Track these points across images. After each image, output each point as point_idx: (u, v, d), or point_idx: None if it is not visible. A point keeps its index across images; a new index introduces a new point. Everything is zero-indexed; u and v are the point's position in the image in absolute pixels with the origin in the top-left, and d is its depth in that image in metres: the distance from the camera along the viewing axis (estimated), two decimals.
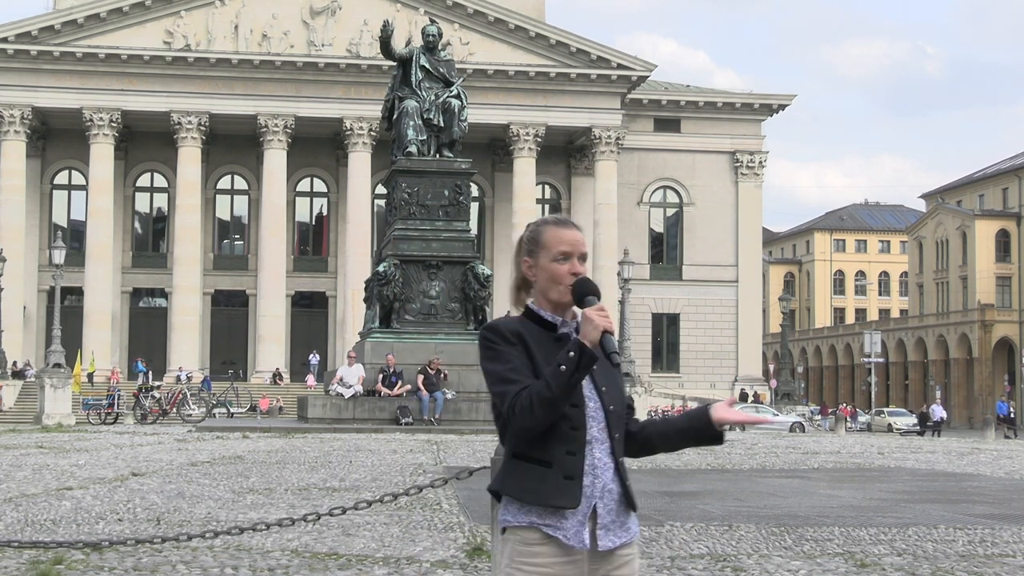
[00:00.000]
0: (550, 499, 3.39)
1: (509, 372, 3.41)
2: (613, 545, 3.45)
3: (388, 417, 26.29)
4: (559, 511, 3.39)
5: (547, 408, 3.34)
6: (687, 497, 12.69)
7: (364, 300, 29.27)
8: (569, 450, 3.42)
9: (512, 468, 3.47)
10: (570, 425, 3.42)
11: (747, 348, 64.97)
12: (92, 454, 18.71)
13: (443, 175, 27.94)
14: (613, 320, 3.47)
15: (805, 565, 7.92)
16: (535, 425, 3.37)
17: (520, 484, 3.43)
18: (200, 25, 57.21)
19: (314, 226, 64.07)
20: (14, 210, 56.41)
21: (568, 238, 3.54)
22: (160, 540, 7.52)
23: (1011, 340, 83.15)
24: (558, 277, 3.51)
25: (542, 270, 3.54)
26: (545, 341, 3.48)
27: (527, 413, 3.35)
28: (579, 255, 3.54)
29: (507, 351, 3.45)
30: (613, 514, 3.46)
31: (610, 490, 3.46)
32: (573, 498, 3.39)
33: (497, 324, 3.52)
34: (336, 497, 11.86)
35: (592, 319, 3.38)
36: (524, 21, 58.81)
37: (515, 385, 3.38)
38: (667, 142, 64.60)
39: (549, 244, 3.54)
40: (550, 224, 3.58)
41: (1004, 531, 9.98)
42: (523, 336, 3.48)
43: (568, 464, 3.41)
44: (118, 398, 39.70)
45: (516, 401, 3.36)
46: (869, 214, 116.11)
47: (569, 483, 3.40)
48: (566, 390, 3.34)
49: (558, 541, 3.39)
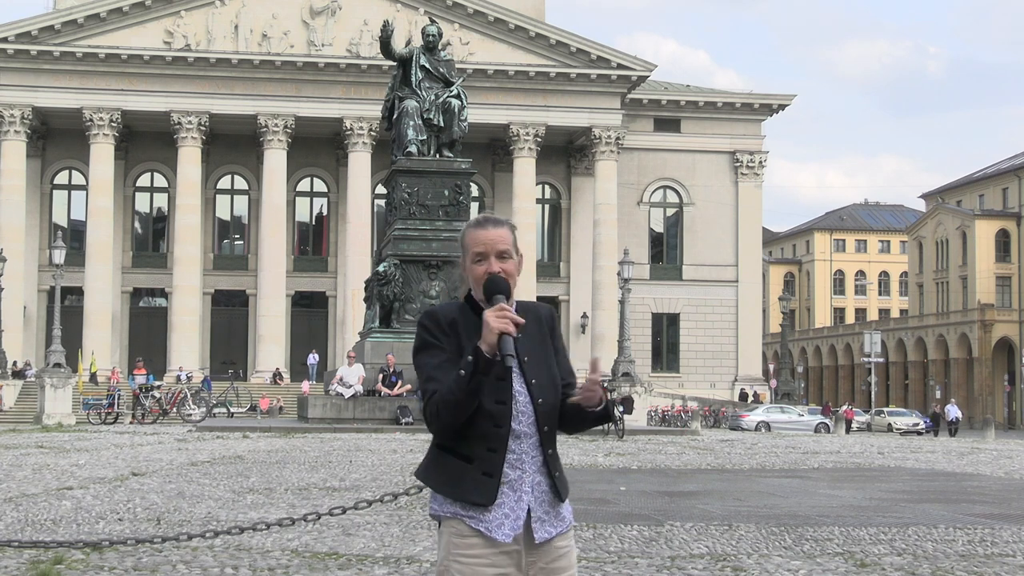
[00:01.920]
0: (467, 495, 3.47)
1: (433, 370, 3.54)
2: (549, 536, 3.53)
3: (388, 417, 26.29)
4: (476, 506, 3.47)
5: (452, 411, 3.45)
6: (687, 497, 12.69)
7: (364, 300, 29.28)
8: (490, 447, 3.49)
9: (435, 459, 3.58)
10: (493, 423, 3.49)
11: (747, 348, 64.96)
12: (92, 454, 18.71)
13: (443, 175, 27.95)
14: (508, 321, 3.47)
15: (805, 565, 7.92)
16: (444, 427, 3.49)
17: (441, 477, 3.53)
18: (200, 25, 57.20)
19: (314, 226, 64.06)
20: (14, 210, 56.40)
21: (483, 239, 3.64)
22: (160, 540, 7.52)
23: (1011, 340, 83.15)
24: (477, 277, 3.63)
25: (467, 272, 3.68)
26: (478, 329, 3.52)
27: (435, 418, 3.48)
28: (496, 253, 3.62)
29: (437, 344, 3.57)
30: (546, 505, 3.54)
31: (538, 483, 3.54)
32: (489, 495, 3.47)
33: (436, 311, 3.65)
34: (336, 497, 11.87)
35: (488, 322, 3.44)
36: (524, 21, 58.79)
37: (434, 384, 3.50)
38: (667, 142, 64.59)
39: (468, 246, 3.67)
40: (471, 227, 3.71)
41: (1004, 531, 9.98)
42: (457, 325, 3.58)
43: (488, 461, 3.49)
44: (118, 398, 39.71)
45: (428, 404, 3.49)
46: (869, 214, 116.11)
47: (487, 480, 3.47)
48: (468, 394, 3.42)
49: (481, 532, 3.47)
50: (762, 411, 50.91)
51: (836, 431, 42.18)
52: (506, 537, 3.46)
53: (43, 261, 58.25)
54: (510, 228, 3.69)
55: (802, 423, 48.60)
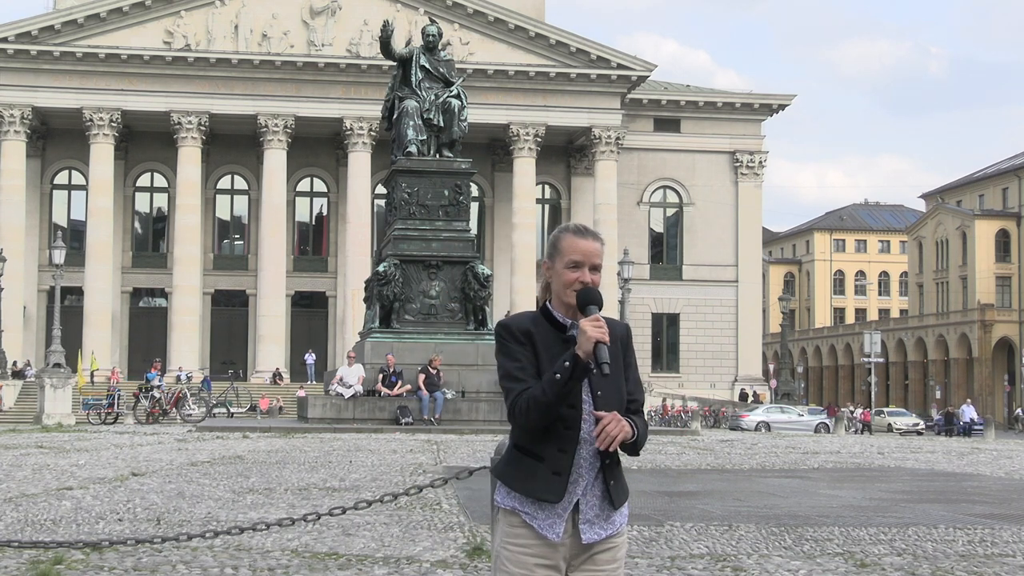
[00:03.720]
0: (537, 492, 3.66)
1: (516, 370, 3.70)
2: (598, 538, 3.73)
3: (388, 417, 26.28)
4: (540, 502, 3.66)
5: (542, 411, 3.61)
6: (687, 497, 12.69)
7: (364, 300, 29.26)
8: (561, 448, 3.68)
9: (511, 457, 3.76)
10: (564, 425, 3.67)
11: (747, 348, 64.97)
12: (92, 454, 18.71)
13: (443, 175, 27.93)
14: (604, 331, 3.66)
15: (805, 565, 7.92)
16: (531, 425, 3.65)
17: (513, 473, 3.73)
18: (200, 25, 57.21)
19: (314, 226, 64.07)
20: (14, 210, 56.41)
21: (582, 248, 3.78)
22: (160, 540, 7.52)
23: (1011, 340, 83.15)
24: (568, 283, 3.76)
25: (557, 274, 3.80)
26: (555, 342, 3.74)
27: (524, 414, 3.64)
28: (591, 265, 3.78)
29: (516, 349, 3.72)
30: (596, 509, 3.72)
31: (592, 488, 3.71)
32: (557, 493, 3.66)
33: (510, 322, 3.78)
34: (336, 497, 11.87)
35: (586, 331, 3.61)
36: (524, 21, 58.80)
37: (518, 384, 3.67)
38: (667, 142, 64.60)
39: (565, 251, 3.79)
40: (570, 232, 3.83)
41: (1004, 531, 9.98)
42: (532, 335, 3.74)
43: (558, 461, 3.67)
44: (118, 398, 39.71)
45: (517, 401, 3.65)
46: (869, 214, 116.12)
47: (556, 478, 3.67)
48: (559, 396, 3.60)
49: (534, 527, 3.68)
50: (762, 411, 50.89)
51: (836, 431, 42.15)
52: (556, 536, 3.67)
53: (43, 261, 58.25)
54: (602, 243, 3.86)
55: (802, 423, 48.59)
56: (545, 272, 3.84)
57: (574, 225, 3.86)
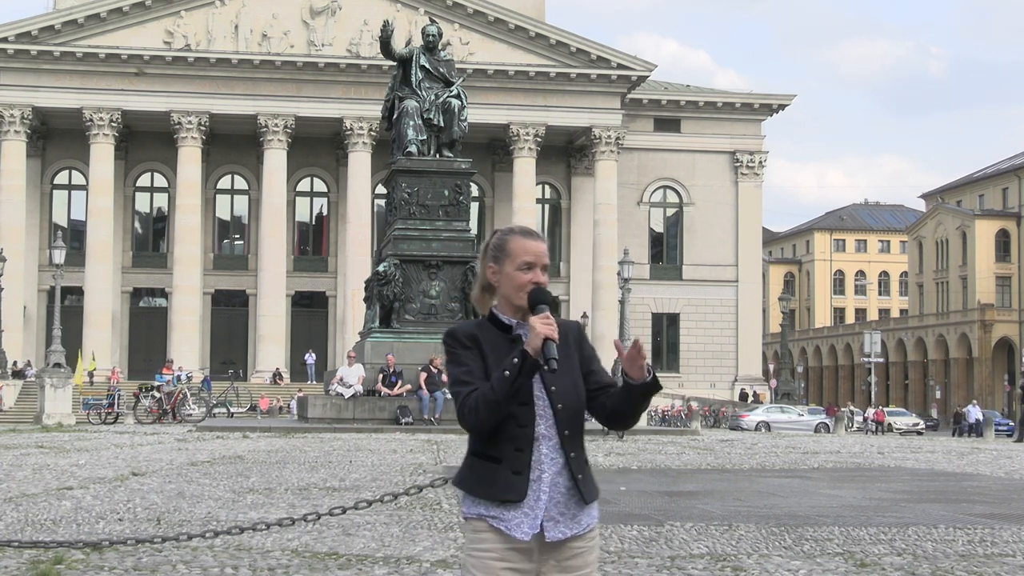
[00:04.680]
0: (499, 494, 3.63)
1: (463, 374, 3.69)
2: (563, 537, 3.66)
3: (388, 417, 26.28)
4: (504, 504, 3.62)
5: (491, 409, 3.59)
6: (687, 497, 12.69)
7: (364, 300, 29.27)
8: (517, 447, 3.65)
9: (469, 464, 3.73)
10: (517, 423, 3.65)
11: (747, 348, 64.98)
12: (92, 454, 18.70)
13: (443, 175, 27.94)
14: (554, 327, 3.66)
15: (805, 565, 7.92)
16: (482, 424, 3.62)
17: (473, 479, 3.69)
18: (200, 25, 57.21)
19: (314, 226, 64.08)
20: (14, 210, 56.41)
21: (532, 249, 3.77)
22: (160, 540, 7.52)
23: (1011, 340, 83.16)
24: (520, 284, 3.74)
25: (506, 277, 3.77)
26: (501, 343, 3.73)
27: (473, 413, 3.61)
28: (541, 266, 3.78)
29: (463, 354, 3.71)
30: (561, 507, 3.66)
31: (556, 484, 3.66)
32: (519, 492, 3.62)
33: (455, 329, 3.78)
34: (336, 497, 11.86)
35: (535, 327, 3.60)
36: (524, 21, 58.80)
37: (466, 387, 3.65)
38: (667, 142, 64.61)
39: (515, 253, 3.77)
40: (517, 234, 3.82)
41: (1004, 531, 9.98)
42: (478, 339, 3.73)
43: (516, 460, 3.65)
44: (118, 398, 39.69)
45: (465, 402, 3.63)
46: (869, 214, 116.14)
47: (517, 478, 3.63)
48: (508, 394, 3.58)
49: (501, 530, 3.63)
50: (762, 411, 50.90)
51: (836, 431, 42.15)
52: (524, 536, 3.62)
53: (43, 261, 58.26)
54: (546, 243, 3.86)
55: (802, 423, 48.61)
56: (490, 276, 3.79)
57: (519, 227, 3.86)
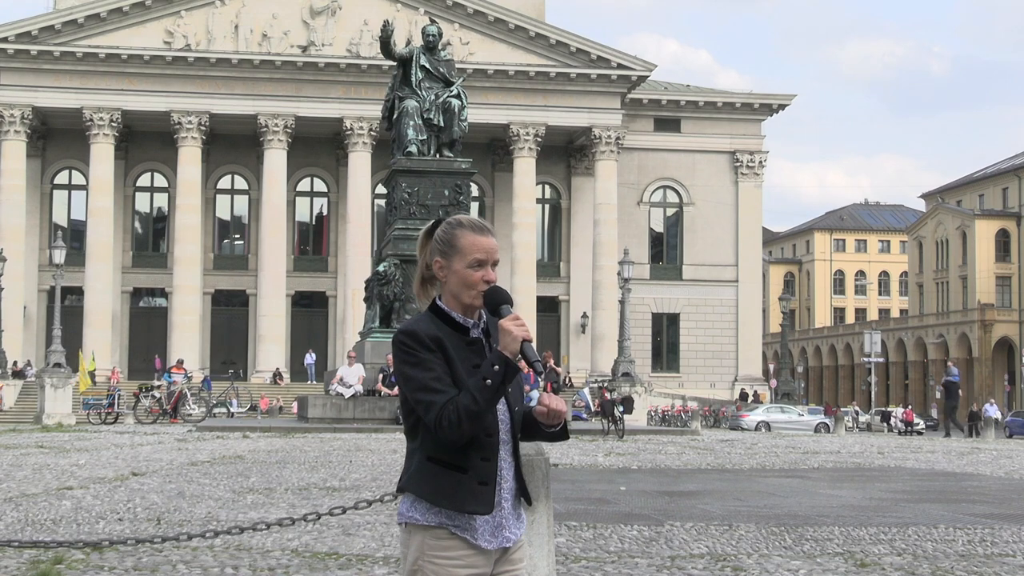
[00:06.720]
0: (465, 505, 3.48)
1: (432, 381, 3.48)
2: (515, 538, 3.60)
3: (388, 417, 26.28)
4: (469, 515, 3.49)
5: (474, 421, 3.43)
6: (687, 497, 12.69)
7: (364, 300, 29.26)
8: (483, 456, 3.52)
9: (427, 471, 3.54)
10: (485, 432, 3.51)
11: (747, 348, 64.96)
12: (92, 454, 18.71)
13: (443, 175, 27.94)
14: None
15: (805, 565, 7.92)
16: (463, 437, 3.45)
17: (434, 488, 3.51)
18: (200, 25, 57.20)
19: (314, 226, 64.07)
20: (14, 210, 56.40)
21: (484, 245, 3.60)
22: (160, 540, 7.52)
23: (1011, 340, 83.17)
24: (472, 283, 3.58)
25: (455, 273, 3.61)
26: (460, 345, 3.55)
27: (455, 427, 3.42)
28: (492, 262, 3.61)
29: (428, 358, 3.50)
30: (512, 508, 3.59)
31: (511, 488, 3.59)
32: (487, 504, 3.50)
33: (416, 330, 3.55)
34: (336, 497, 11.86)
35: (510, 331, 3.45)
36: (524, 21, 58.80)
37: (440, 395, 3.45)
38: (667, 142, 64.59)
39: (465, 249, 3.60)
40: (466, 228, 3.63)
41: (1004, 531, 9.98)
42: (442, 342, 3.52)
43: (483, 470, 3.51)
44: (118, 398, 39.68)
45: (443, 414, 3.43)
46: (869, 214, 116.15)
47: (483, 488, 3.50)
48: (492, 403, 3.44)
49: (466, 539, 3.50)
50: (762, 411, 50.89)
51: (836, 431, 42.15)
52: (490, 544, 3.52)
53: (43, 261, 58.24)
54: (496, 239, 3.71)
55: (802, 423, 48.61)
56: (437, 271, 3.64)
57: (468, 220, 3.66)
